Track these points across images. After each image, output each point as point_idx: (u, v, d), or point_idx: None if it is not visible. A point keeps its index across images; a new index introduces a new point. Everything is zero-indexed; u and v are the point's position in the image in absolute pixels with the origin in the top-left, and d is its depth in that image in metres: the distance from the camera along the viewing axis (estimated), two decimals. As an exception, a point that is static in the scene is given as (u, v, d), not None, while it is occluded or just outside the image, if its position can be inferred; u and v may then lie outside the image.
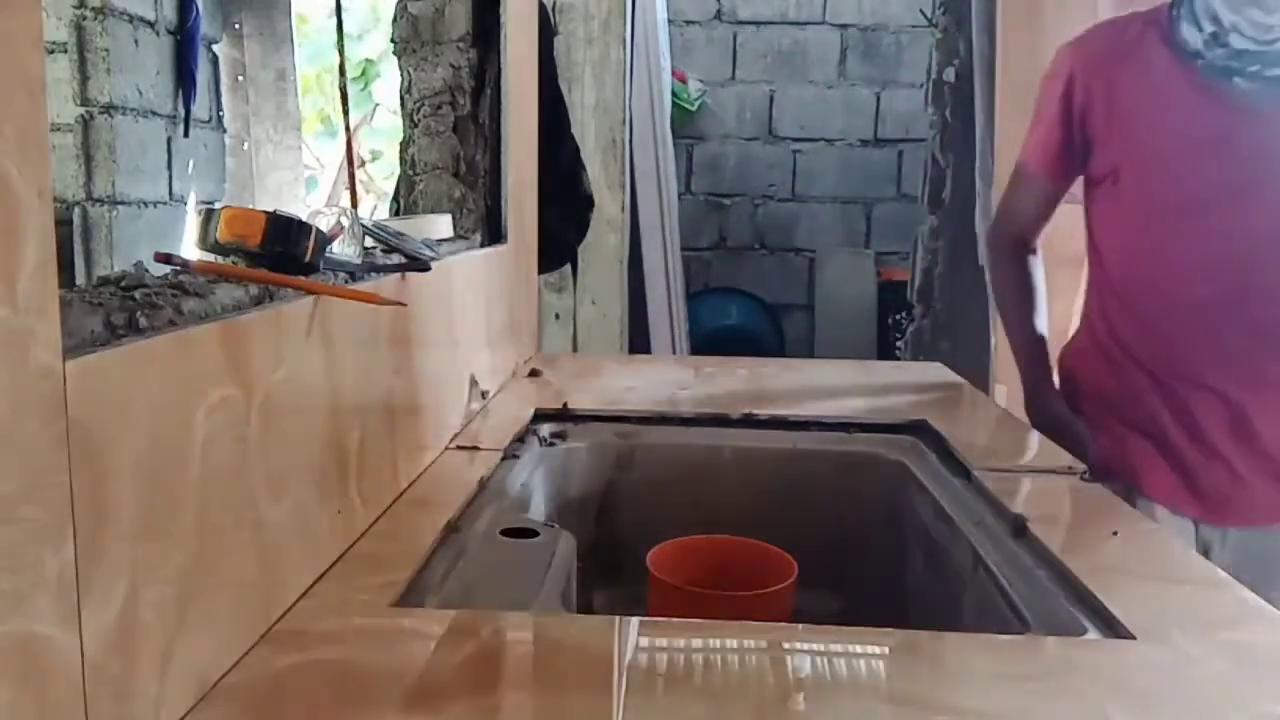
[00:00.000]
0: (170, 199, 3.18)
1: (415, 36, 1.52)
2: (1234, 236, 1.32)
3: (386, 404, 0.98)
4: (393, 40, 1.55)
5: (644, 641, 0.73)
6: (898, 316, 3.97)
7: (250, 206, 0.87)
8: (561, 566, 0.94)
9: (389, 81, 5.36)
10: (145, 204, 3.05)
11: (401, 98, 1.57)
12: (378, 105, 5.52)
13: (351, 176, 3.18)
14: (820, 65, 4.70)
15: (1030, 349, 1.50)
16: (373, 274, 0.97)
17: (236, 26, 3.55)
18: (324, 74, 5.22)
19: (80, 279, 2.72)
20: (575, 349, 2.96)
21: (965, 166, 2.73)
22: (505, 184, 1.57)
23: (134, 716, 0.55)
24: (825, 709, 0.64)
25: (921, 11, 3.98)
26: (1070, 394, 1.47)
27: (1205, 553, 1.30)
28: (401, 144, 1.59)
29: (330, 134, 5.58)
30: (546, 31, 2.02)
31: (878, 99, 4.67)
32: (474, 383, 1.33)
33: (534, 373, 1.64)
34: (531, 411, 1.38)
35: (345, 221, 0.99)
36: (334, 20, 2.99)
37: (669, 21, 4.40)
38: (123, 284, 0.64)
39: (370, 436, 0.93)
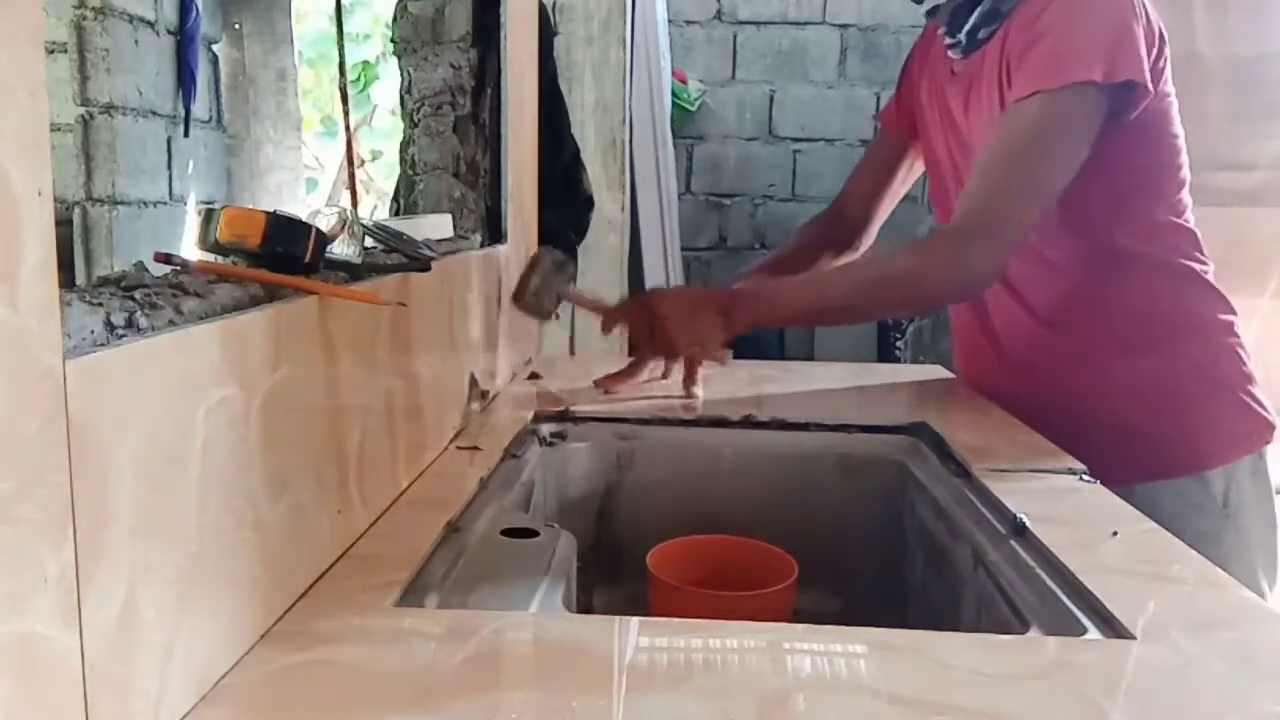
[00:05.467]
0: (170, 199, 3.18)
1: (415, 36, 1.51)
2: None
3: (386, 404, 0.98)
4: (392, 40, 1.55)
5: (644, 641, 0.73)
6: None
7: (250, 206, 0.87)
8: (561, 566, 0.94)
9: (388, 83, 5.36)
10: (145, 204, 3.05)
11: (401, 98, 1.57)
12: (376, 106, 5.53)
13: (351, 176, 3.18)
14: (820, 65, 4.70)
15: None
16: (373, 274, 0.97)
17: (236, 26, 3.55)
18: (323, 73, 5.23)
19: (80, 279, 2.72)
20: (574, 349, 2.96)
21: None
22: (505, 184, 1.57)
23: (134, 716, 0.55)
24: (825, 709, 0.64)
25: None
26: None
27: None
28: (401, 144, 1.59)
29: (330, 134, 5.58)
30: (546, 31, 2.02)
31: (878, 99, 4.66)
32: (474, 383, 1.33)
33: (534, 375, 1.64)
34: (531, 412, 1.38)
35: (345, 221, 0.99)
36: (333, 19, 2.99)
37: (669, 21, 4.40)
38: (123, 284, 0.64)
39: (370, 436, 0.92)
